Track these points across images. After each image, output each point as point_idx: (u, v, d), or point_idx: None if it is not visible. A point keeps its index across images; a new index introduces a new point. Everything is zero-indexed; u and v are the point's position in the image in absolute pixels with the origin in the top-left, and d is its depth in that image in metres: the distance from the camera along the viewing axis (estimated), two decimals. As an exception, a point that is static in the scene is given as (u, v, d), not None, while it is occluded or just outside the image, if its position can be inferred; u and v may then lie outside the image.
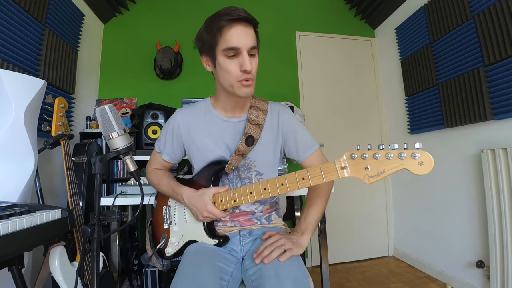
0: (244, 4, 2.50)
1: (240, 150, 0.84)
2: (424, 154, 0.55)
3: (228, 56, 0.75)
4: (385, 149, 0.58)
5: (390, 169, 0.57)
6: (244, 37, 0.74)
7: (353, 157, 0.61)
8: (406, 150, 0.56)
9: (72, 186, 1.24)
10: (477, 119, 1.63)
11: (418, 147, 0.55)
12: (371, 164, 0.59)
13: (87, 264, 1.20)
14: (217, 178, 0.88)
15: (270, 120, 0.90)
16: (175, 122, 0.92)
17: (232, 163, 0.85)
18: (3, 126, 1.04)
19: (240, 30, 0.74)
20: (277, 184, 0.73)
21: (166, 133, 0.93)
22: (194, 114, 0.92)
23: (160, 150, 0.96)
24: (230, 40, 0.73)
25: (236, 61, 0.75)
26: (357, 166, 0.60)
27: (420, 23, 2.06)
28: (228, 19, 0.73)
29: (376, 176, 0.58)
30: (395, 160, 0.57)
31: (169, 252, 0.91)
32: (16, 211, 0.75)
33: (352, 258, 2.43)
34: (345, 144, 2.51)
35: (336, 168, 0.63)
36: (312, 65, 2.58)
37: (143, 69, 2.36)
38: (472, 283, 1.69)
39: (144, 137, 1.79)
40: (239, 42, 0.73)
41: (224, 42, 0.74)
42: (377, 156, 0.58)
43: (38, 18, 1.53)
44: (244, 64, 0.74)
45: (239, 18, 0.73)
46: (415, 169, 0.55)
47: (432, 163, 0.54)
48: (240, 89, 0.78)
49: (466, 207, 1.75)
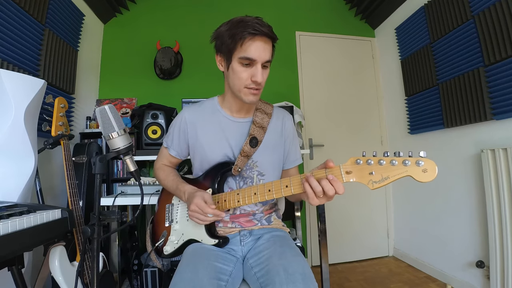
0: (245, 4, 2.53)
1: (245, 151, 0.87)
2: (428, 162, 0.56)
3: (243, 64, 0.79)
4: (390, 156, 0.60)
5: (394, 176, 0.58)
6: (262, 51, 0.78)
7: (358, 163, 0.62)
8: (410, 157, 0.58)
9: (72, 186, 1.24)
10: (477, 119, 1.63)
11: (423, 155, 0.57)
12: (375, 170, 0.60)
13: (87, 264, 1.20)
14: (223, 178, 0.89)
15: (275, 123, 0.96)
16: (182, 120, 0.95)
17: (238, 164, 0.87)
18: (3, 126, 1.04)
19: (260, 44, 0.78)
20: (281, 186, 0.73)
21: (173, 129, 0.97)
22: (201, 112, 0.95)
23: (168, 145, 0.99)
24: (249, 51, 0.77)
25: (249, 70, 0.80)
26: (362, 172, 0.61)
27: (420, 23, 2.06)
28: (252, 32, 0.76)
29: (380, 182, 0.59)
30: (400, 167, 0.58)
31: (167, 251, 0.92)
32: (16, 211, 0.75)
33: (352, 258, 2.43)
34: (345, 144, 2.51)
35: (341, 172, 0.64)
36: (312, 65, 2.58)
37: (143, 69, 2.36)
38: (472, 283, 1.69)
39: (144, 137, 1.79)
40: (256, 55, 0.78)
41: (243, 51, 0.78)
42: (382, 162, 0.59)
43: (38, 18, 1.53)
44: (256, 75, 0.79)
45: (262, 34, 0.77)
46: (419, 176, 0.57)
47: (435, 171, 0.55)
48: (247, 96, 0.83)
49: (466, 207, 1.75)
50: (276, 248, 0.80)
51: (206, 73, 2.33)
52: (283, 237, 0.88)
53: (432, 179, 0.55)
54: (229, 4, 2.52)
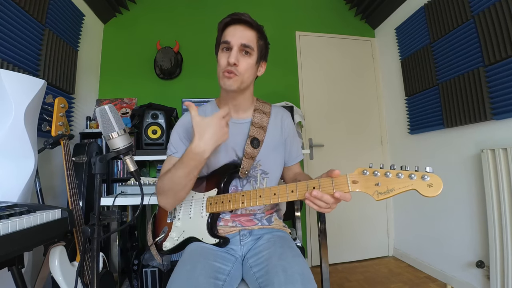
0: (244, 4, 2.53)
1: (249, 153, 0.88)
2: (434, 177, 0.57)
3: (222, 49, 0.84)
4: (396, 169, 0.61)
5: (399, 188, 0.59)
6: (239, 35, 0.82)
7: (365, 173, 0.63)
8: (417, 171, 0.59)
9: (72, 186, 1.24)
10: (477, 119, 1.63)
11: (429, 170, 0.58)
12: (381, 181, 0.61)
13: (87, 264, 1.20)
14: (230, 179, 0.90)
15: (274, 122, 0.96)
16: (186, 120, 0.94)
17: (245, 167, 0.88)
18: (3, 126, 1.04)
19: (237, 28, 0.82)
20: (287, 191, 0.74)
21: (177, 133, 0.94)
22: (203, 115, 0.92)
23: (173, 151, 0.92)
24: (226, 35, 0.83)
25: (227, 54, 0.82)
26: (367, 182, 0.62)
27: (420, 23, 2.06)
28: (231, 18, 0.82)
29: (385, 193, 0.60)
30: (405, 180, 0.59)
31: (167, 247, 0.91)
32: (16, 211, 0.75)
33: (352, 258, 2.43)
34: (345, 144, 2.51)
35: (348, 182, 0.64)
36: (312, 65, 2.58)
37: (143, 69, 2.36)
38: (472, 283, 1.69)
39: (144, 137, 1.79)
40: (231, 38, 0.82)
41: (222, 38, 0.84)
42: (388, 174, 0.60)
43: (38, 18, 1.53)
44: (230, 56, 0.80)
45: (240, 20, 0.82)
46: (424, 191, 0.58)
47: (441, 186, 0.56)
48: (223, 80, 0.84)
49: (466, 207, 1.75)
50: (276, 249, 0.80)
51: (206, 73, 2.33)
52: (284, 238, 0.88)
53: (436, 194, 0.56)
54: (229, 4, 2.52)
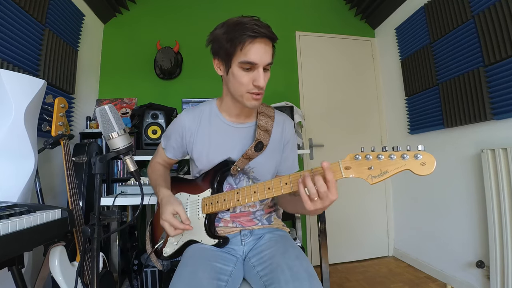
0: (245, 4, 2.52)
1: (248, 154, 0.86)
2: (426, 155, 0.56)
3: (243, 68, 0.76)
4: (388, 150, 0.60)
5: (393, 170, 0.58)
6: (263, 53, 0.75)
7: (357, 158, 0.62)
8: (408, 151, 0.58)
9: (72, 186, 1.24)
10: (477, 119, 1.63)
11: (421, 149, 0.57)
12: (374, 164, 0.60)
13: (87, 264, 1.20)
14: (222, 178, 0.89)
15: (276, 128, 0.93)
16: (179, 125, 0.92)
17: (238, 164, 0.86)
18: (3, 126, 1.04)
19: (261, 47, 0.75)
20: (281, 183, 0.73)
21: (171, 132, 0.96)
22: (199, 118, 0.92)
23: (165, 146, 0.99)
24: (249, 55, 0.74)
25: (250, 74, 0.77)
26: (360, 167, 0.61)
27: (420, 23, 2.06)
28: (252, 35, 0.73)
29: (379, 176, 0.59)
30: (398, 161, 0.58)
31: (167, 252, 0.91)
32: (16, 211, 0.75)
33: (352, 258, 2.43)
34: (345, 144, 2.51)
35: (340, 168, 0.63)
36: (312, 65, 2.58)
37: (143, 69, 2.36)
38: (472, 283, 1.69)
39: (144, 137, 1.79)
40: (257, 59, 0.74)
41: (243, 56, 0.74)
42: (380, 157, 0.59)
43: (38, 18, 1.53)
44: (258, 79, 0.76)
45: (262, 35, 0.74)
46: (417, 170, 0.56)
47: (434, 164, 0.55)
48: (249, 101, 0.80)
49: (466, 207, 1.75)
50: (279, 247, 0.80)
51: (206, 73, 2.32)
52: (285, 237, 0.88)
53: (430, 172, 0.55)
54: (229, 4, 2.52)
